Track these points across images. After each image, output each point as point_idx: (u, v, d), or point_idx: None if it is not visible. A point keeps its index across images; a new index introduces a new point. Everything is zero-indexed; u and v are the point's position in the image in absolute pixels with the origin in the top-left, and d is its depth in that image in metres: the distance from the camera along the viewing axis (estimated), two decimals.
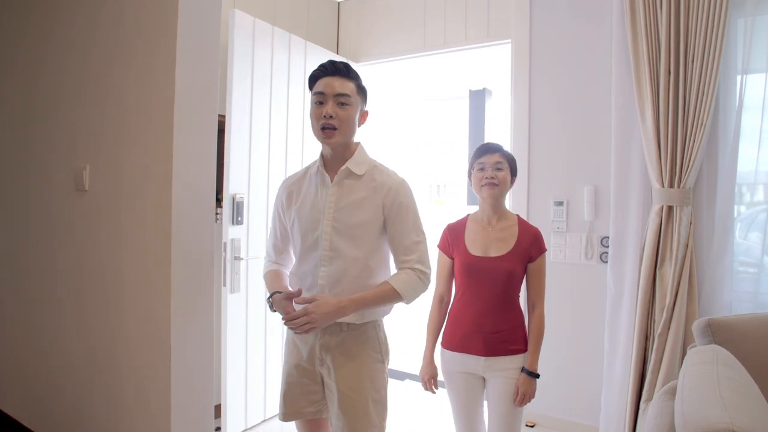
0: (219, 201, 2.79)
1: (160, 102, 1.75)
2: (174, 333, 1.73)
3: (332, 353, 1.60)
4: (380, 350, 1.65)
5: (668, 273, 2.43)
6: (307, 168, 1.74)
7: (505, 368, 1.82)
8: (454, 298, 1.94)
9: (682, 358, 2.40)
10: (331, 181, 1.62)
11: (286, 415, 1.68)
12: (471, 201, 7.03)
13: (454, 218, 2.01)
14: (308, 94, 3.19)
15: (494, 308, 1.81)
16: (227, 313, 2.68)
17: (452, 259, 1.93)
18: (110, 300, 1.99)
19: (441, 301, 1.97)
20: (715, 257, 2.43)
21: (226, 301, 2.67)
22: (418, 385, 3.81)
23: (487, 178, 1.84)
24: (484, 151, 1.89)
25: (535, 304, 1.87)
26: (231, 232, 2.69)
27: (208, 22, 1.81)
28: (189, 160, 1.77)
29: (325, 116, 1.54)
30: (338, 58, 3.47)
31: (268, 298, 1.62)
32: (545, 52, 2.88)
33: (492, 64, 5.29)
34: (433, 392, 1.93)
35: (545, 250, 1.88)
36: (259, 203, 2.85)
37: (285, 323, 1.51)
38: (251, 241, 2.80)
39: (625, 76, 2.57)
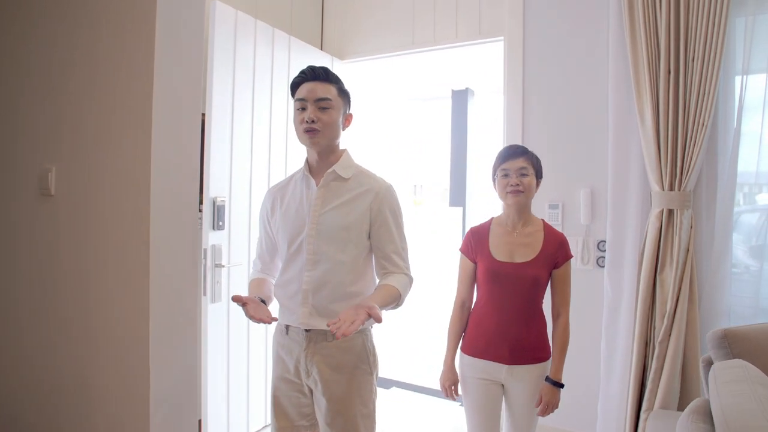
0: (198, 204, 2.62)
1: (138, 98, 1.58)
2: (153, 354, 1.56)
3: (319, 366, 1.56)
4: (369, 361, 1.61)
5: (669, 278, 2.36)
6: (292, 175, 1.73)
7: (527, 376, 1.80)
8: (476, 303, 1.89)
9: (683, 366, 2.34)
10: (317, 185, 1.60)
11: (279, 430, 1.63)
12: (453, 202, 6.95)
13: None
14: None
15: (519, 315, 1.79)
16: (207, 324, 2.51)
17: (475, 263, 1.89)
18: (79, 316, 1.81)
19: (462, 306, 1.93)
20: (716, 261, 2.37)
21: (206, 312, 2.51)
22: (406, 394, 3.72)
23: (511, 185, 1.79)
24: (508, 156, 1.83)
25: (560, 311, 1.84)
26: (211, 237, 2.52)
27: (190, 10, 1.65)
28: (170, 161, 1.61)
29: (306, 121, 1.53)
30: (322, 56, 3.35)
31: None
32: (539, 50, 2.78)
33: (476, 64, 5.22)
34: (454, 399, 1.89)
35: (571, 256, 1.85)
36: (241, 206, 2.69)
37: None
38: (233, 247, 2.64)
39: (622, 76, 2.50)
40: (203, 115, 2.51)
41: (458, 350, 1.92)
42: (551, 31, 2.75)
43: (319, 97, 1.54)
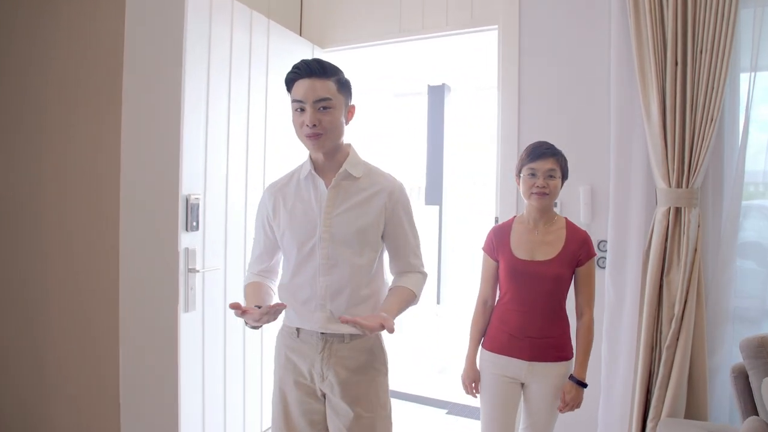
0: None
1: (103, 78, 1.33)
2: (124, 387, 1.32)
3: (335, 368, 1.51)
4: (383, 361, 1.60)
5: (676, 280, 2.25)
6: (293, 172, 1.64)
7: (548, 374, 1.79)
8: (499, 300, 1.90)
9: (691, 371, 2.24)
10: (326, 185, 1.53)
11: None
12: (429, 201, 6.81)
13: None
14: (272, 82, 2.83)
15: (541, 313, 1.78)
16: (180, 335, 2.26)
17: (497, 261, 1.89)
18: (28, 339, 1.53)
19: (485, 304, 1.93)
20: (722, 262, 2.28)
21: (179, 322, 2.26)
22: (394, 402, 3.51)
23: (538, 186, 1.77)
24: (538, 155, 1.79)
25: (584, 310, 1.84)
26: (184, 239, 2.27)
27: None
28: (145, 152, 1.37)
29: (307, 125, 1.44)
30: (302, 43, 3.12)
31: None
32: (536, 39, 2.64)
33: (454, 58, 5.08)
34: (475, 396, 1.91)
35: (594, 254, 1.84)
36: (217, 205, 2.45)
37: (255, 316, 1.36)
38: (208, 250, 2.39)
39: (625, 67, 2.37)
40: None
41: (479, 347, 1.92)
42: (549, 18, 2.61)
43: (318, 98, 1.43)
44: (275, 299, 1.61)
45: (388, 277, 1.65)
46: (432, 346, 4.92)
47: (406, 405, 3.45)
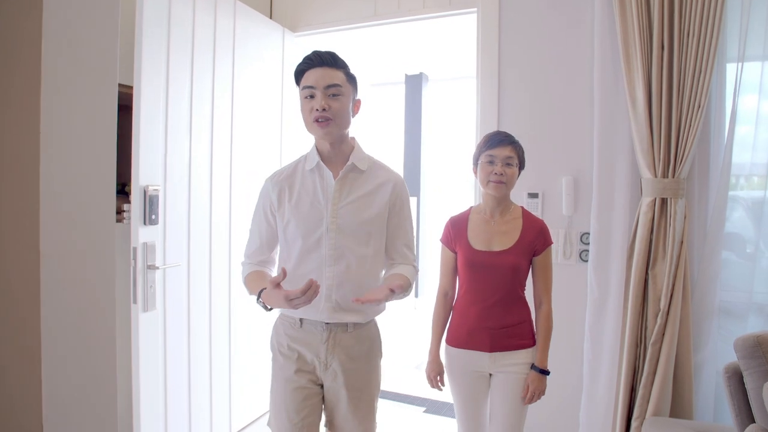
0: (126, 195, 2.20)
1: (18, 53, 1.16)
2: (47, 400, 1.16)
3: (339, 357, 1.57)
4: (380, 348, 1.69)
5: (662, 273, 2.17)
6: (297, 162, 1.67)
7: (511, 364, 1.79)
8: (458, 293, 1.89)
9: (676, 368, 2.16)
10: (333, 176, 1.57)
11: (306, 427, 1.57)
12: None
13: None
14: (239, 66, 2.66)
15: (499, 303, 1.79)
16: (138, 337, 2.10)
17: (455, 253, 1.88)
18: None
19: (445, 296, 1.92)
20: (708, 254, 2.20)
21: (137, 323, 2.09)
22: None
23: (495, 173, 1.77)
24: (496, 142, 1.80)
25: (542, 299, 1.84)
26: (142, 234, 2.10)
27: None
28: (71, 136, 1.20)
29: (317, 109, 1.49)
30: (272, 27, 2.96)
31: (258, 299, 1.54)
32: (516, 22, 2.52)
33: (431, 46, 4.94)
34: (440, 389, 1.91)
35: (551, 243, 1.84)
36: (179, 197, 2.28)
37: (304, 298, 1.36)
38: (170, 245, 2.23)
39: (609, 51, 2.28)
40: (130, 88, 2.09)
41: (444, 342, 1.92)
42: (530, 0, 2.49)
43: (329, 84, 1.50)
44: None
45: None
46: (409, 340, 4.82)
47: (383, 403, 3.34)
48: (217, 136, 2.51)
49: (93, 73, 1.25)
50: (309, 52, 1.58)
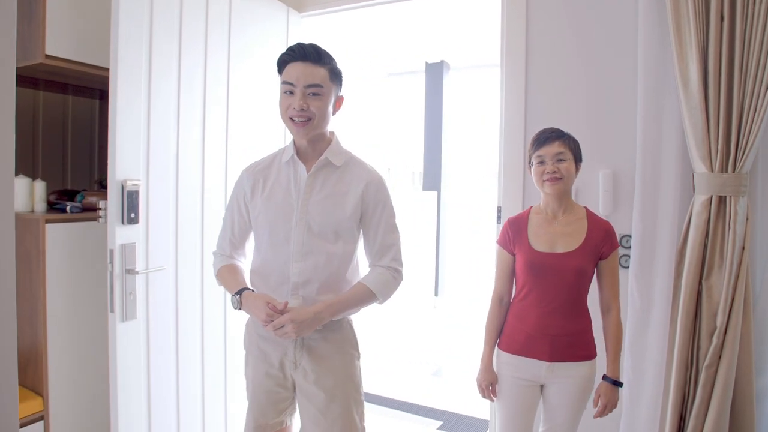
0: (103, 189, 1.97)
1: None
2: None
3: (310, 355, 1.55)
4: (356, 346, 1.64)
5: (718, 285, 1.85)
6: (275, 155, 1.65)
7: (571, 375, 1.70)
8: (515, 297, 1.80)
9: (735, 395, 1.86)
10: (306, 171, 1.55)
11: (257, 429, 1.60)
12: (427, 186, 6.40)
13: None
14: (235, 49, 2.41)
15: (562, 309, 1.69)
16: (117, 349, 1.88)
17: (513, 255, 1.79)
18: None
19: (501, 301, 1.83)
20: None
21: (115, 333, 1.87)
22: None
23: (548, 172, 1.68)
24: (542, 141, 1.71)
25: (610, 305, 1.74)
26: (120, 234, 1.87)
27: None
28: None
29: (294, 108, 1.47)
30: (277, 6, 2.70)
31: (235, 294, 1.53)
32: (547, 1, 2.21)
33: (452, 30, 4.63)
34: (492, 400, 1.82)
35: (618, 245, 1.74)
36: (164, 192, 2.05)
37: (268, 328, 1.45)
38: (153, 247, 2.00)
39: (657, 24, 1.96)
40: (106, 70, 1.86)
41: (496, 348, 1.83)
42: None
43: (309, 83, 1.47)
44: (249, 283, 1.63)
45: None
46: (427, 343, 4.53)
47: (391, 414, 3.07)
48: (210, 125, 2.26)
49: None
50: (316, 37, 1.41)
